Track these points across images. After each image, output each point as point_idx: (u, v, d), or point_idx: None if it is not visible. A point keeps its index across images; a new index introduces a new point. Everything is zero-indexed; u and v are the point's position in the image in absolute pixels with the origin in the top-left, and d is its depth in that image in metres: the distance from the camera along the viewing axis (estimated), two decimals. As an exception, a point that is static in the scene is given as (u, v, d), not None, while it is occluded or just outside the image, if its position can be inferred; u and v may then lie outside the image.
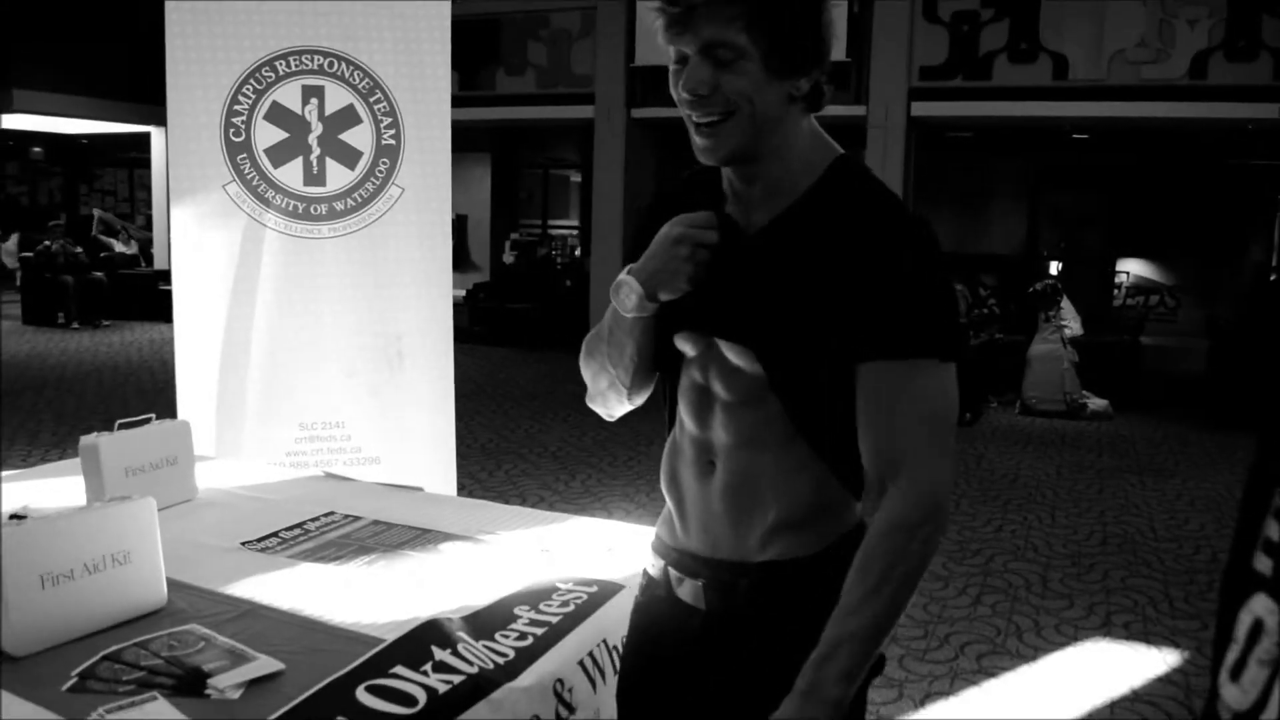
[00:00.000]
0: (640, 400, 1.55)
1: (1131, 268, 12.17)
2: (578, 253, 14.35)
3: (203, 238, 3.58)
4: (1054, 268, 10.87)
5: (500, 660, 1.60)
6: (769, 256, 1.34)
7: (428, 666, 1.54)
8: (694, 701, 1.43)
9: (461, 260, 13.89)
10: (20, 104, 13.82)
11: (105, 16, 13.98)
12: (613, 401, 1.54)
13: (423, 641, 1.60)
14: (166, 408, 2.74)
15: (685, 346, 1.43)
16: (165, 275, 13.68)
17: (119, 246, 14.71)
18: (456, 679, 1.52)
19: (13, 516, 2.19)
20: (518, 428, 7.62)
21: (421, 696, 1.46)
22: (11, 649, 1.61)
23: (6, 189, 20.63)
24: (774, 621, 1.36)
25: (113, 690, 1.50)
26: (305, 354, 3.59)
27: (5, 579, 1.61)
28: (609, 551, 2.10)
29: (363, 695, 1.45)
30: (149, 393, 8.56)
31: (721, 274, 1.35)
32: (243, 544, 2.14)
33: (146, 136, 15.96)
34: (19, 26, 13.52)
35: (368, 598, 1.86)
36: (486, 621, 1.73)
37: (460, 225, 14.34)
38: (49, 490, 2.56)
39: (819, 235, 1.31)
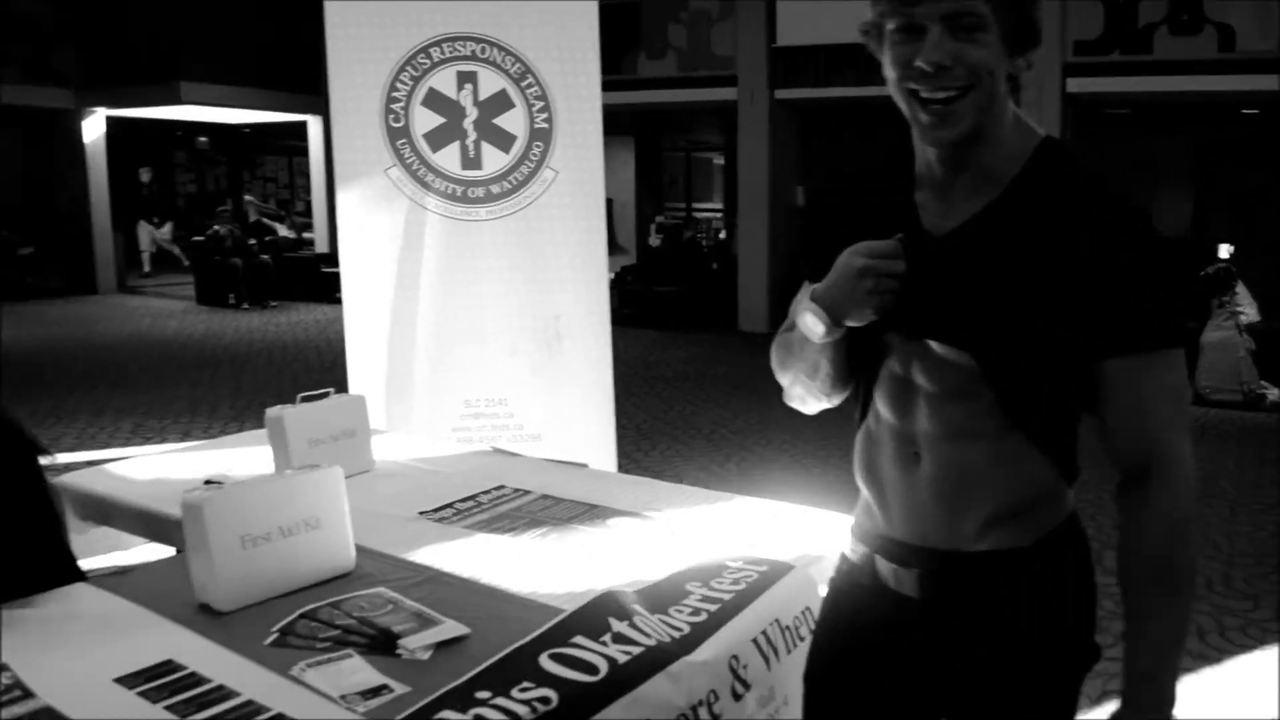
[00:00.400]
0: (840, 400, 1.51)
1: (1310, 251, 11.41)
2: (722, 235, 14.33)
3: (367, 221, 3.72)
4: (1224, 250, 10.27)
5: (676, 634, 1.61)
6: (980, 249, 1.29)
7: (607, 637, 1.56)
8: (895, 688, 1.42)
9: (609, 243, 14.06)
10: (187, 96, 14.58)
11: (264, 10, 14.63)
12: (810, 404, 1.52)
13: (600, 613, 1.63)
14: (335, 384, 2.86)
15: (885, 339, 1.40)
16: (326, 258, 14.30)
17: (282, 230, 15.44)
18: (635, 650, 1.54)
19: (207, 482, 2.31)
20: (671, 409, 7.67)
21: (603, 666, 1.48)
22: (218, 604, 1.71)
23: (175, 178, 21.82)
24: (991, 611, 1.34)
25: (311, 646, 1.58)
26: (468, 333, 3.69)
27: (211, 538, 1.71)
28: (794, 537, 2.09)
29: (546, 662, 1.48)
30: (316, 370, 8.95)
31: (924, 273, 1.30)
32: (420, 514, 2.22)
33: (304, 125, 16.64)
34: (186, 22, 14.27)
35: (542, 569, 1.91)
36: (660, 596, 1.74)
37: (607, 208, 14.50)
38: (236, 459, 2.71)
39: (1036, 226, 1.26)
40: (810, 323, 1.34)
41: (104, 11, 14.58)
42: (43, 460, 1.94)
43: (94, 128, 15.61)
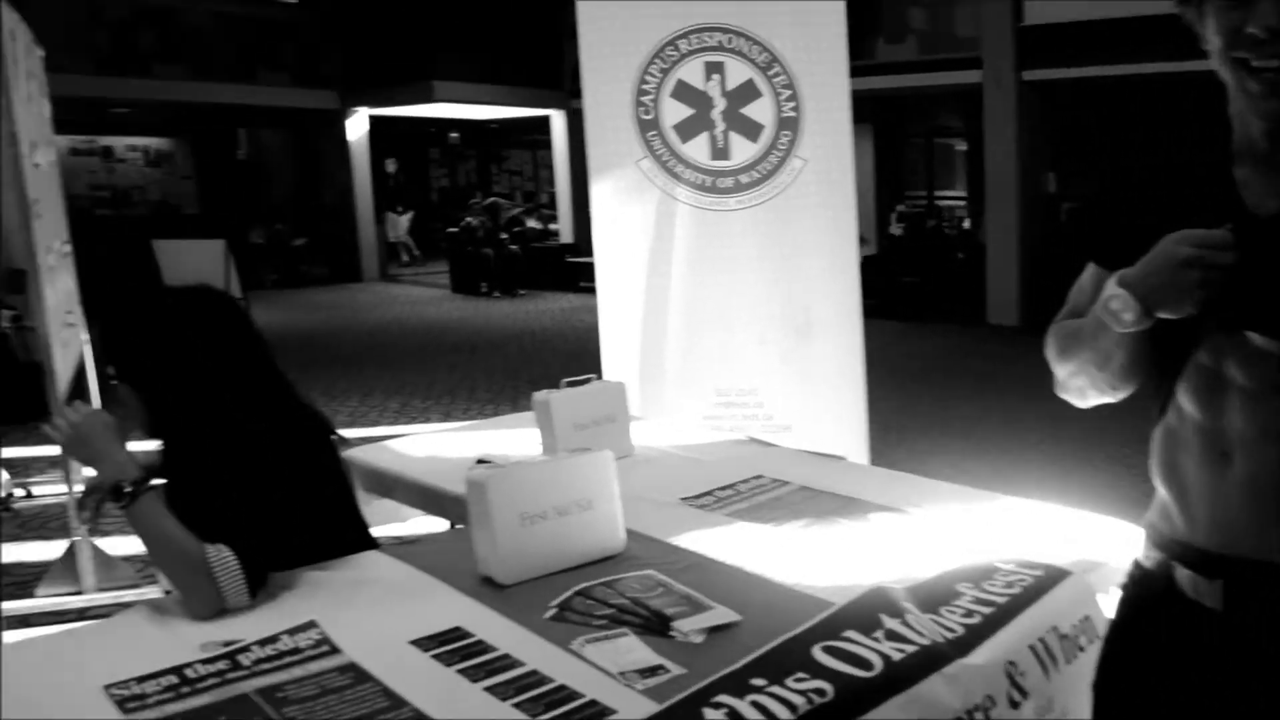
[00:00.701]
0: (1125, 393, 1.42)
1: None
2: (966, 224, 13.83)
3: (620, 212, 3.82)
4: None
5: (950, 635, 1.57)
6: None
7: (879, 633, 1.54)
8: (1192, 706, 1.33)
9: (846, 232, 13.86)
10: (439, 94, 15.44)
11: (508, 11, 15.27)
12: (1091, 396, 1.44)
13: (872, 608, 1.61)
14: (581, 370, 2.93)
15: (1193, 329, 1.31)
16: (570, 248, 14.83)
17: (530, 222, 16.16)
18: (909, 648, 1.51)
19: (480, 461, 2.44)
20: (919, 403, 7.47)
21: (878, 662, 1.46)
22: (499, 577, 1.81)
23: (429, 172, 23.15)
24: None
25: (587, 623, 1.64)
26: (718, 323, 3.73)
27: (494, 514, 1.81)
28: (1068, 542, 2.00)
29: (819, 654, 1.47)
30: (563, 356, 9.28)
31: (1248, 258, 1.19)
32: (682, 500, 2.26)
33: (546, 120, 17.27)
34: (438, 23, 15.10)
35: (806, 560, 1.90)
36: (930, 595, 1.70)
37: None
38: (504, 440, 2.85)
39: None
40: (1118, 308, 1.25)
41: (364, 16, 15.67)
42: (332, 437, 2.10)
43: (357, 127, 16.80)
